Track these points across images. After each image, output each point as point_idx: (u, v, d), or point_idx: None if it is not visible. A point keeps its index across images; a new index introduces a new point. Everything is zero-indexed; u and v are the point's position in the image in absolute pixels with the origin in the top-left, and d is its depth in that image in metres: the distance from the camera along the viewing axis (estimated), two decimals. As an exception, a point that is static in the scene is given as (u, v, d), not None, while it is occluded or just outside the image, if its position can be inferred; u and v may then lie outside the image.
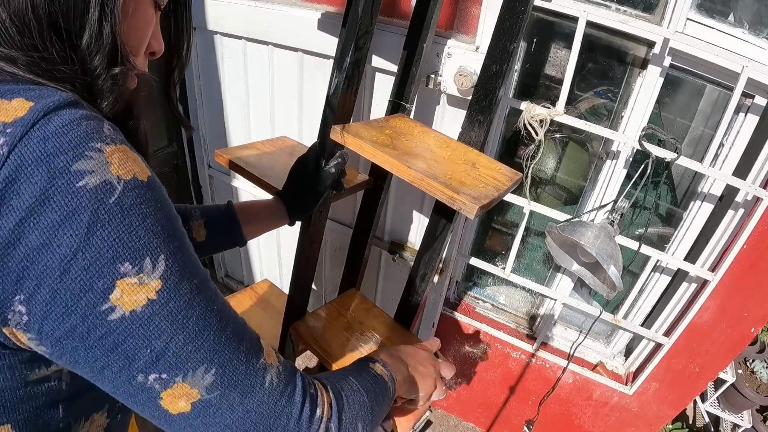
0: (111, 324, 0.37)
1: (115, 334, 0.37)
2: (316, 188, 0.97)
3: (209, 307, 0.42)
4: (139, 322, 0.38)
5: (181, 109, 1.83)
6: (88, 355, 0.38)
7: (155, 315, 0.38)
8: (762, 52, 1.08)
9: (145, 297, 0.38)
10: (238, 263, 2.24)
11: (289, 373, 0.48)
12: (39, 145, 0.34)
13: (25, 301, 0.35)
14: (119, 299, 0.37)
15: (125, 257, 0.37)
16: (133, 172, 0.38)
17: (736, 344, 1.42)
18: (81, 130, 0.36)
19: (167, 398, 0.40)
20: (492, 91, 0.93)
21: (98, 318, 0.36)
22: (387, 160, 0.88)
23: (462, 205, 0.81)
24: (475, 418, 2.05)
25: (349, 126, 0.93)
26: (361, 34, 0.88)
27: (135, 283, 0.37)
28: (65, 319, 0.36)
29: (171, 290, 0.39)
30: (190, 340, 0.40)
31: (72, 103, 0.37)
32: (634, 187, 1.19)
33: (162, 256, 0.39)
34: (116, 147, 0.38)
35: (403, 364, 0.73)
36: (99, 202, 0.35)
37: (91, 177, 0.35)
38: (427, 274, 1.09)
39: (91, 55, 0.41)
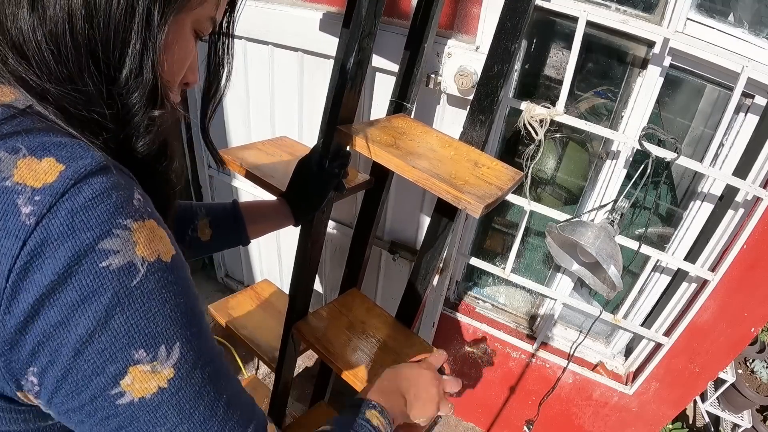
0: (119, 408, 0.36)
1: (120, 417, 0.37)
2: (321, 189, 0.97)
3: (218, 396, 0.41)
4: (146, 409, 0.37)
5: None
6: (92, 430, 0.38)
7: (163, 404, 0.38)
8: (762, 51, 1.08)
9: (156, 385, 0.37)
10: (238, 263, 2.24)
11: None
12: (66, 218, 0.33)
13: (38, 374, 0.35)
14: (130, 385, 0.36)
15: (140, 344, 0.36)
16: (158, 253, 0.37)
17: (736, 344, 1.42)
18: (110, 203, 0.34)
19: None
20: (493, 91, 0.93)
21: (107, 401, 0.36)
22: (392, 160, 0.88)
23: (467, 204, 0.81)
24: (475, 418, 2.04)
25: (353, 126, 0.94)
26: (365, 35, 0.88)
27: (147, 371, 0.36)
28: (74, 396, 0.36)
29: (183, 379, 0.38)
30: (193, 430, 0.40)
31: (103, 169, 0.35)
32: (634, 187, 1.19)
33: (177, 344, 0.38)
34: (144, 223, 0.37)
35: (401, 397, 0.72)
36: (121, 285, 0.35)
37: (116, 257, 0.34)
38: (429, 273, 1.09)
39: (130, 91, 0.39)
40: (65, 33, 0.36)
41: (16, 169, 0.33)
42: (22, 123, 0.35)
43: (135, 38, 0.38)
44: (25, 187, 0.32)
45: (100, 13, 0.36)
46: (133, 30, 0.38)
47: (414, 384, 0.75)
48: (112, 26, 0.37)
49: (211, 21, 0.47)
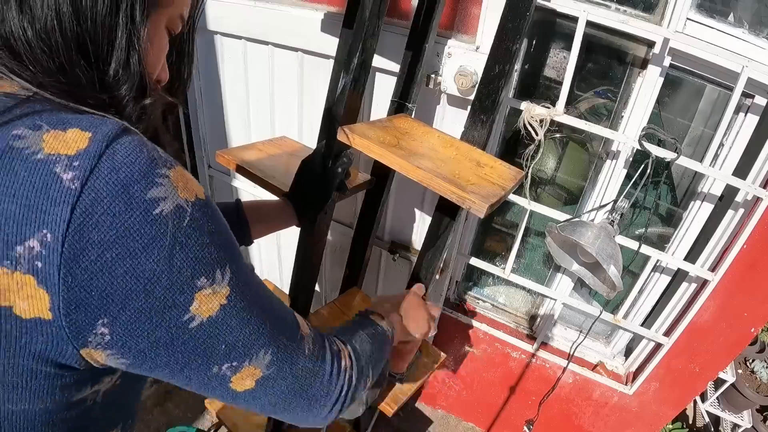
0: (192, 330, 0.41)
1: (195, 339, 0.41)
2: (324, 189, 0.97)
3: (263, 300, 0.48)
4: (215, 325, 0.42)
5: (181, 109, 1.84)
6: (170, 360, 0.42)
7: (227, 316, 0.43)
8: (762, 52, 1.08)
9: (218, 303, 0.42)
10: (238, 264, 2.23)
11: (318, 338, 0.56)
12: (111, 176, 0.35)
13: (109, 323, 0.37)
14: (198, 309, 0.40)
15: (201, 272, 0.40)
16: (195, 192, 0.40)
17: (736, 344, 1.42)
18: (145, 157, 0.37)
19: (236, 381, 0.46)
20: (495, 91, 0.93)
21: (181, 328, 0.40)
22: (395, 161, 0.88)
23: (472, 204, 0.81)
24: (475, 418, 2.04)
25: (355, 127, 0.94)
26: (368, 36, 0.88)
27: (210, 294, 0.41)
28: (150, 333, 0.39)
29: (237, 293, 0.44)
30: (254, 330, 0.46)
31: (126, 129, 0.38)
32: (634, 187, 1.19)
33: (228, 266, 0.43)
34: (176, 169, 0.39)
35: (398, 313, 0.84)
36: (176, 227, 0.38)
37: (165, 203, 0.37)
38: (429, 272, 1.09)
39: (119, 83, 0.42)
40: (54, 30, 0.37)
41: (43, 142, 0.34)
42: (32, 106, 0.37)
43: (121, 33, 0.40)
44: (60, 156, 0.34)
45: (87, 10, 0.38)
46: (118, 25, 0.40)
47: (405, 304, 0.88)
48: (98, 22, 0.39)
49: (181, 19, 0.49)
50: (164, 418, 1.85)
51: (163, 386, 1.93)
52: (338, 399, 0.56)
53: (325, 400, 0.55)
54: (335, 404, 0.56)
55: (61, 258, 0.34)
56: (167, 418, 1.86)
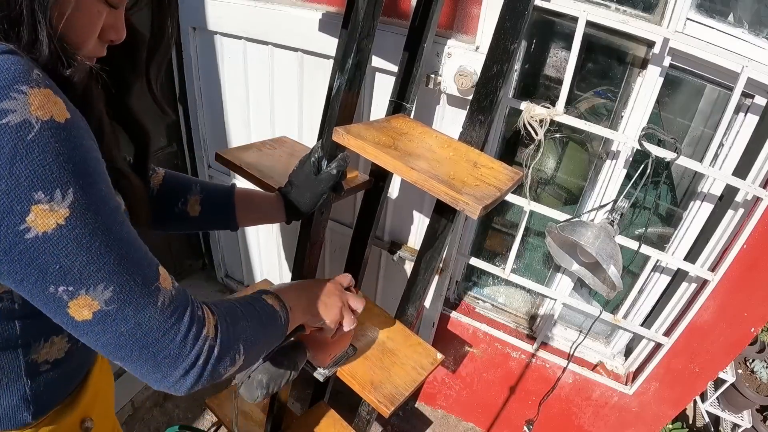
0: (27, 241, 0.44)
1: (31, 251, 0.44)
2: (317, 189, 0.97)
3: (111, 236, 0.49)
4: (49, 242, 0.44)
5: (181, 109, 1.84)
6: (10, 269, 0.45)
7: (63, 238, 0.45)
8: (762, 51, 1.08)
9: (54, 222, 0.44)
10: (238, 263, 2.24)
11: (181, 298, 0.56)
12: None
13: None
14: (33, 221, 0.43)
15: (39, 187, 0.43)
16: (51, 114, 0.43)
17: (736, 344, 1.42)
18: (9, 73, 0.41)
19: (73, 307, 0.48)
20: (493, 91, 0.93)
21: (17, 236, 0.43)
22: (389, 162, 0.88)
23: (465, 205, 0.81)
24: (475, 418, 2.05)
25: (351, 127, 0.93)
26: (363, 36, 0.88)
27: (46, 210, 0.43)
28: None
29: (77, 218, 0.45)
30: (92, 261, 0.47)
31: (8, 51, 0.42)
32: (634, 187, 1.19)
33: (71, 190, 0.45)
34: (40, 90, 0.42)
35: (303, 295, 0.81)
36: (18, 139, 0.41)
37: (13, 116, 0.41)
38: (428, 273, 1.09)
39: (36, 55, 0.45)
40: None
41: None
42: None
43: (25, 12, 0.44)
44: None
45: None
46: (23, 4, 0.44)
47: (315, 289, 0.86)
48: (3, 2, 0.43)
49: None
50: (164, 418, 1.86)
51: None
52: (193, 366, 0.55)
53: (175, 361, 0.54)
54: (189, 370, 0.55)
55: None
56: (167, 418, 1.86)
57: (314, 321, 0.83)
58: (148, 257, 0.54)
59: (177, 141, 1.96)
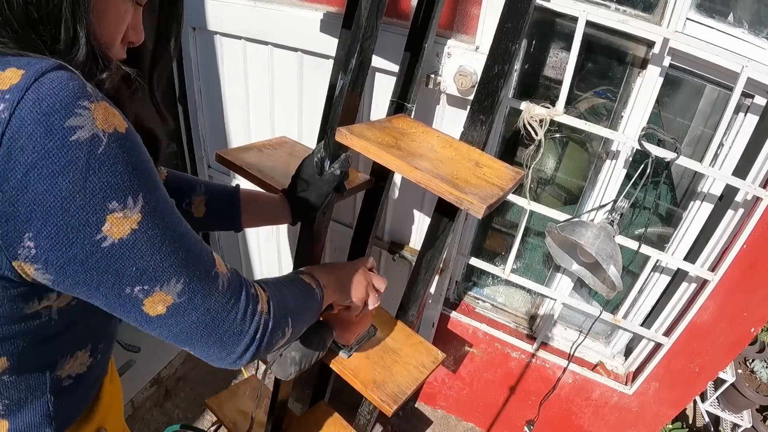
0: (104, 250, 0.45)
1: (107, 258, 0.46)
2: (320, 190, 0.97)
3: (177, 233, 0.51)
4: (125, 247, 0.46)
5: (181, 110, 1.84)
6: (86, 277, 0.46)
7: (138, 241, 0.47)
8: (761, 51, 1.08)
9: (129, 227, 0.46)
10: (238, 263, 2.24)
11: (236, 279, 0.58)
12: (35, 106, 0.39)
13: (34, 237, 0.42)
14: (109, 230, 0.45)
15: (112, 197, 0.44)
16: (114, 125, 0.44)
17: (736, 344, 1.42)
18: (69, 90, 0.41)
19: (148, 304, 0.50)
20: (494, 91, 0.93)
21: (94, 246, 0.45)
22: (393, 162, 0.88)
23: (470, 205, 0.81)
24: (475, 418, 2.05)
25: (354, 127, 0.93)
26: (366, 37, 0.88)
27: (121, 217, 0.45)
28: (68, 248, 0.44)
29: (149, 221, 0.47)
30: (165, 258, 0.49)
31: (59, 67, 0.42)
32: (634, 187, 1.19)
33: (141, 195, 0.46)
34: (99, 104, 0.43)
35: (332, 275, 0.84)
36: (90, 153, 0.42)
37: (82, 132, 0.41)
38: (429, 272, 1.09)
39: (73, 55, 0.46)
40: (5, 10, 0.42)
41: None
42: None
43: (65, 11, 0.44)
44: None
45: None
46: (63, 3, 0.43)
47: (344, 269, 0.89)
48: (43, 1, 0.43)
49: None
50: (164, 418, 1.85)
51: (163, 386, 1.93)
52: (252, 341, 0.58)
53: (238, 338, 0.57)
54: (249, 346, 0.58)
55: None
56: (167, 418, 1.86)
57: (343, 299, 0.86)
58: (204, 246, 0.56)
59: (177, 141, 1.96)
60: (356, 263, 0.93)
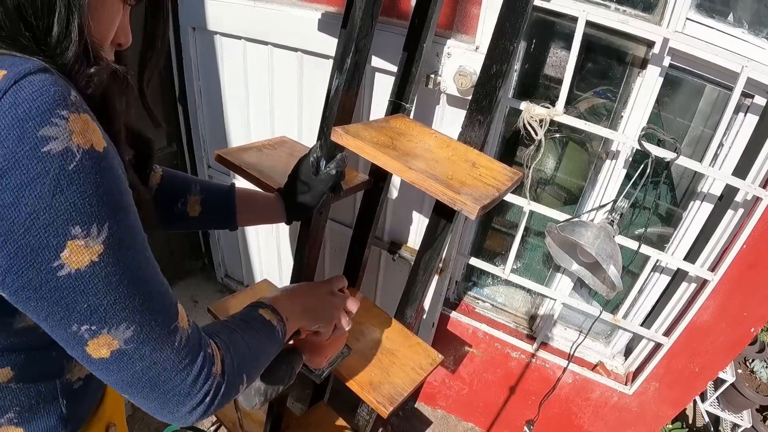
0: (59, 279, 0.42)
1: (61, 289, 0.42)
2: (316, 189, 0.97)
3: (140, 274, 0.48)
4: (81, 280, 0.43)
5: (181, 110, 1.84)
6: (37, 305, 0.43)
7: (95, 275, 0.43)
8: (761, 51, 1.08)
9: (89, 258, 0.42)
10: (238, 263, 2.24)
11: (195, 337, 0.54)
12: (10, 110, 0.37)
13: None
14: (68, 258, 0.41)
15: (77, 221, 0.41)
16: (91, 142, 0.41)
17: (736, 344, 1.42)
18: (49, 96, 0.39)
19: (92, 346, 0.46)
20: (492, 91, 0.93)
21: (50, 273, 0.41)
22: (387, 161, 0.88)
23: (463, 205, 0.81)
24: (475, 418, 2.04)
25: (350, 127, 0.93)
26: (362, 36, 0.88)
27: (82, 246, 0.42)
28: (25, 272, 0.41)
29: (110, 256, 0.44)
30: (119, 300, 0.46)
31: (43, 69, 0.40)
32: (634, 187, 1.19)
33: (107, 224, 0.43)
34: (79, 116, 0.40)
35: (297, 302, 0.80)
36: (60, 168, 0.39)
37: (55, 143, 0.38)
38: (427, 273, 1.09)
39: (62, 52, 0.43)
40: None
41: None
42: None
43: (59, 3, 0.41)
44: None
45: None
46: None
47: (309, 294, 0.84)
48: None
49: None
50: (164, 418, 1.85)
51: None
52: (200, 403, 0.54)
53: (184, 400, 0.53)
54: (196, 407, 0.54)
55: None
56: (167, 418, 1.86)
57: (310, 326, 0.82)
58: (169, 294, 0.53)
59: (177, 141, 1.96)
60: (323, 285, 0.88)
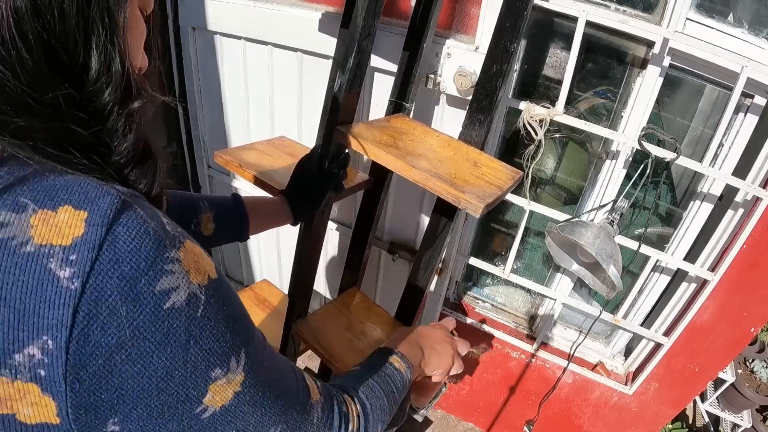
0: (204, 421, 0.38)
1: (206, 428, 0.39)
2: (320, 189, 0.97)
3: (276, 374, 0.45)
4: (227, 413, 0.40)
5: (182, 111, 1.84)
6: None
7: (240, 403, 0.40)
8: (761, 51, 1.08)
9: (232, 392, 0.39)
10: (238, 263, 2.24)
11: (329, 401, 0.53)
12: (114, 270, 0.31)
13: (120, 421, 0.34)
14: (211, 400, 0.38)
15: (216, 364, 0.37)
16: (207, 274, 0.37)
17: (736, 344, 1.42)
18: (151, 239, 0.32)
19: None
20: (492, 91, 0.93)
21: (193, 419, 0.37)
22: (391, 161, 0.88)
23: (468, 204, 0.81)
24: (475, 418, 2.04)
25: (353, 127, 0.93)
26: (364, 36, 0.88)
27: (224, 384, 0.38)
28: (162, 427, 0.36)
29: (252, 378, 0.41)
30: (266, 411, 0.43)
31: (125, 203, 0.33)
32: (634, 187, 1.19)
33: (243, 351, 0.40)
34: (185, 248, 0.35)
35: (419, 348, 0.80)
36: (190, 320, 0.34)
37: (177, 294, 0.33)
38: (428, 273, 1.09)
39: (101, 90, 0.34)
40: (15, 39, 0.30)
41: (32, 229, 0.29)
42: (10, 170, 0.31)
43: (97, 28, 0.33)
44: (53, 248, 0.29)
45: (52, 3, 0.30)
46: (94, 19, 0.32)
47: (430, 339, 0.84)
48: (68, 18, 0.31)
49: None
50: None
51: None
52: None
53: None
54: None
55: (66, 365, 0.30)
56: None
57: (430, 371, 0.81)
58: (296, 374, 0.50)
59: (177, 141, 1.96)
60: (440, 329, 0.88)
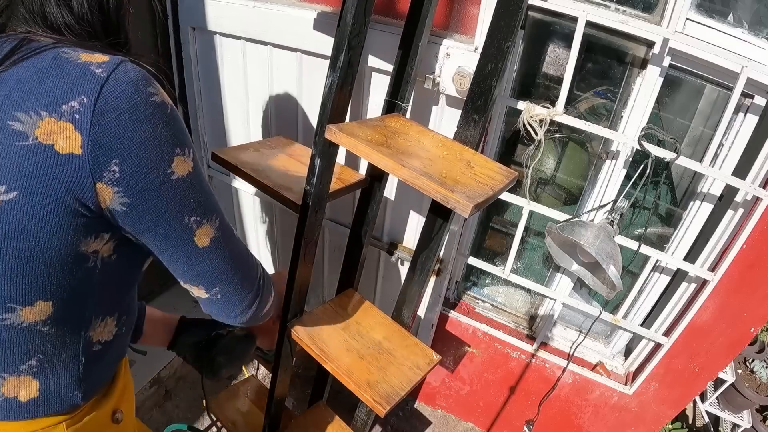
0: (172, 181, 0.58)
1: (174, 188, 0.58)
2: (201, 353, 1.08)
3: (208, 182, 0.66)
4: (186, 182, 0.59)
5: (181, 110, 1.84)
6: (157, 203, 0.57)
7: (193, 180, 0.60)
8: (761, 52, 1.08)
9: (187, 169, 0.59)
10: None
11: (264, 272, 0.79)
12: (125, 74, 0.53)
13: (119, 163, 0.52)
14: (176, 167, 0.57)
15: (177, 144, 0.57)
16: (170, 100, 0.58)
17: (736, 344, 1.42)
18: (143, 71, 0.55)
19: (198, 235, 0.63)
20: (487, 90, 0.93)
21: (165, 176, 0.57)
22: (381, 159, 0.88)
23: (456, 203, 0.81)
24: (475, 419, 2.04)
25: (344, 125, 0.93)
26: (354, 34, 0.88)
27: (182, 160, 0.58)
28: (146, 175, 0.55)
29: (197, 168, 0.61)
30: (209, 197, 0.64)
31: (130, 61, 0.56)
32: (634, 187, 1.19)
33: (188, 149, 0.59)
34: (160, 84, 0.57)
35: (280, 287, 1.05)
36: (163, 111, 0.55)
37: (157, 97, 0.55)
38: (424, 273, 1.09)
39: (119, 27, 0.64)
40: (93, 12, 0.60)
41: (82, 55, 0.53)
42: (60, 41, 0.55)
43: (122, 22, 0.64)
44: (92, 62, 0.52)
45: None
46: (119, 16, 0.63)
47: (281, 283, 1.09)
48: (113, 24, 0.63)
49: None
50: (164, 418, 1.86)
51: (163, 387, 1.94)
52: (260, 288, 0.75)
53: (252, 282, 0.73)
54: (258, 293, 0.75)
55: (93, 113, 0.50)
56: (167, 418, 1.86)
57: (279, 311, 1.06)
58: None
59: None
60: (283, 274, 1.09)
